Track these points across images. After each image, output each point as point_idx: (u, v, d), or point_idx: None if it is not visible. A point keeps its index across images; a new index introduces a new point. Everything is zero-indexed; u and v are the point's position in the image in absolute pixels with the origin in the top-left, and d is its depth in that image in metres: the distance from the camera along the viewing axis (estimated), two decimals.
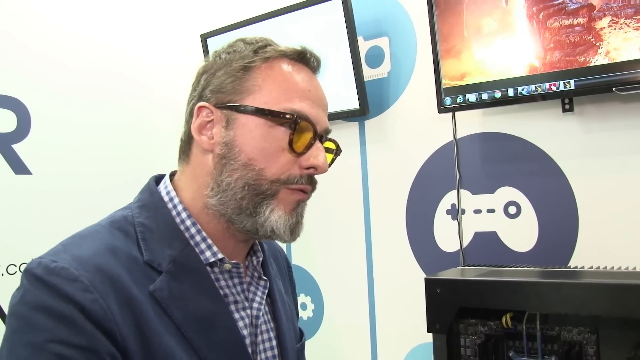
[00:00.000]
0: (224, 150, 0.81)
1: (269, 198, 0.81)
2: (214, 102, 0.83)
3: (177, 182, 0.87)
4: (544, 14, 1.45)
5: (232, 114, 0.82)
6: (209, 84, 0.84)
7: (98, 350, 0.68)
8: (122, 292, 0.73)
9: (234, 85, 0.82)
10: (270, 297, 0.92)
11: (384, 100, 1.95)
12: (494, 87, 1.57)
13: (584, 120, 1.57)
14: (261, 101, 0.81)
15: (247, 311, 0.86)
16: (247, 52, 0.84)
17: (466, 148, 1.77)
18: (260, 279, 0.91)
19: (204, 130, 0.83)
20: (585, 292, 1.19)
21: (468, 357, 1.35)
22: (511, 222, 1.69)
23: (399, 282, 1.90)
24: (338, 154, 0.93)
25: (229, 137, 0.81)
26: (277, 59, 0.84)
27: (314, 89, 0.85)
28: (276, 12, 2.00)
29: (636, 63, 1.36)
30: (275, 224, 0.81)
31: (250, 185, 0.80)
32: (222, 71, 0.83)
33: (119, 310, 0.71)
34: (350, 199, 2.02)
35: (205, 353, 0.77)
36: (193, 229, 0.83)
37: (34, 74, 1.93)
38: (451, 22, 1.62)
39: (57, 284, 0.70)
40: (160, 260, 0.79)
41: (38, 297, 0.70)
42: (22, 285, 0.73)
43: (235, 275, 0.86)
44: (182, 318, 0.77)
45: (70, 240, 0.78)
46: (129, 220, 0.82)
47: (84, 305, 0.69)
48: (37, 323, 0.68)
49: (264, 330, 0.88)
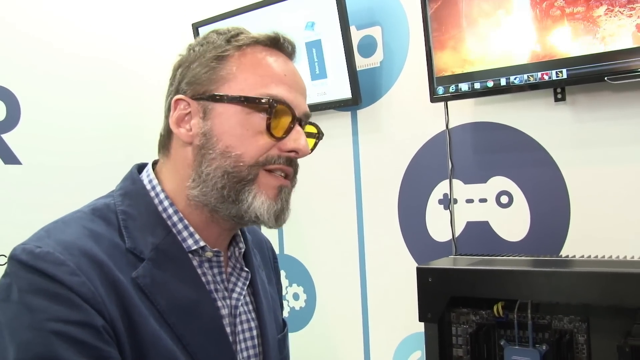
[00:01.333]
0: (203, 141, 0.81)
1: (250, 183, 0.81)
2: (191, 94, 0.83)
3: (159, 173, 0.87)
4: (546, 3, 1.45)
5: (208, 104, 0.82)
6: (184, 77, 0.84)
7: (96, 324, 0.69)
8: (108, 275, 0.73)
9: (208, 76, 0.82)
10: (252, 287, 0.93)
11: (376, 90, 1.94)
12: (486, 77, 1.57)
13: (576, 109, 1.57)
14: (237, 89, 0.81)
15: (227, 301, 0.86)
16: (220, 42, 0.84)
17: (458, 138, 1.77)
18: (241, 270, 0.91)
19: (182, 123, 0.84)
20: (576, 281, 1.20)
21: (460, 346, 1.36)
22: (503, 211, 1.70)
23: (392, 271, 1.91)
24: (320, 137, 0.92)
25: (207, 127, 0.81)
26: (250, 46, 0.84)
27: (290, 74, 0.85)
28: (268, 1, 1.98)
29: (628, 52, 1.36)
30: (259, 210, 0.81)
31: (229, 174, 0.80)
32: (196, 63, 0.84)
33: (105, 293, 0.72)
34: (342, 188, 2.02)
35: (188, 339, 0.78)
36: (175, 217, 0.83)
37: (23, 63, 1.91)
38: (445, 12, 1.61)
39: (45, 267, 0.70)
40: (143, 248, 0.79)
41: (29, 280, 0.70)
42: (9, 272, 0.72)
43: (215, 265, 0.86)
44: (165, 305, 0.77)
45: (52, 226, 0.79)
46: (111, 208, 0.82)
47: (73, 287, 0.69)
48: (33, 305, 0.68)
49: (243, 320, 0.89)
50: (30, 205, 1.87)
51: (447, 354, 1.36)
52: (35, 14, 1.95)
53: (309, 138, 0.89)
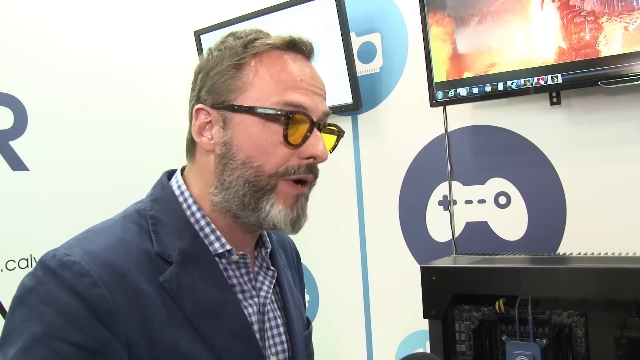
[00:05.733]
0: (224, 150, 0.83)
1: (269, 192, 0.83)
2: (210, 103, 0.85)
3: (187, 178, 0.90)
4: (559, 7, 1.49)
5: (227, 113, 0.83)
6: (204, 85, 0.86)
7: (92, 348, 0.72)
8: (130, 286, 0.76)
9: (226, 85, 0.84)
10: (278, 286, 0.95)
11: (376, 95, 1.99)
12: (484, 82, 1.62)
13: (571, 112, 1.62)
14: (253, 98, 0.82)
15: (254, 299, 0.89)
16: (237, 48, 0.85)
17: (457, 141, 1.82)
18: (268, 269, 0.93)
19: (203, 132, 0.86)
20: (574, 277, 1.25)
21: (463, 342, 1.40)
22: (501, 212, 1.75)
23: (393, 271, 1.95)
24: (341, 135, 0.94)
25: (227, 137, 0.83)
26: (266, 52, 0.84)
27: (306, 77, 0.85)
28: (270, 8, 2.02)
29: (620, 57, 1.42)
30: (276, 218, 0.83)
31: (250, 182, 0.82)
32: (214, 70, 0.85)
33: (125, 304, 0.75)
34: (344, 191, 2.06)
35: (214, 341, 0.80)
36: (203, 222, 0.86)
37: (30, 72, 1.94)
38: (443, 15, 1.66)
39: (68, 278, 0.73)
40: (171, 252, 0.82)
41: (48, 289, 0.73)
42: (36, 274, 0.76)
43: (242, 265, 0.89)
44: (191, 307, 0.80)
45: (84, 236, 0.82)
46: (142, 214, 0.85)
47: (90, 300, 0.73)
48: (43, 316, 0.72)
49: (271, 318, 0.91)
50: (38, 210, 1.90)
51: (451, 349, 1.40)
52: (41, 22, 1.99)
53: (331, 135, 0.91)
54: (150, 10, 2.38)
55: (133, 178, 2.11)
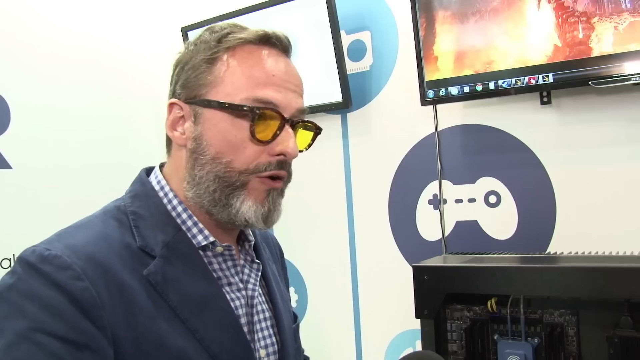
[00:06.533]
0: (194, 145, 0.83)
1: (239, 189, 0.82)
2: (184, 98, 0.84)
3: (165, 173, 0.89)
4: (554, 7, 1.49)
5: (198, 108, 0.83)
6: (179, 79, 0.85)
7: (79, 340, 0.70)
8: (114, 279, 0.75)
9: (198, 80, 0.83)
10: (264, 279, 0.95)
11: (366, 93, 1.98)
12: (475, 81, 1.62)
13: (561, 112, 1.63)
14: (223, 93, 0.82)
15: (242, 292, 0.88)
16: (211, 42, 0.84)
17: (447, 140, 1.82)
18: (253, 262, 0.93)
19: (176, 126, 0.85)
20: (566, 276, 1.25)
21: (454, 341, 1.40)
22: (491, 211, 1.75)
23: (383, 271, 1.94)
24: (318, 133, 0.92)
25: (197, 132, 0.83)
26: (239, 47, 0.84)
27: (279, 73, 0.84)
28: (258, 5, 2.01)
29: (611, 57, 1.43)
30: (247, 214, 0.82)
31: (220, 178, 0.81)
32: (189, 65, 0.84)
33: (109, 298, 0.73)
34: (333, 190, 2.05)
35: (202, 334, 0.79)
36: (184, 215, 0.85)
37: (13, 66, 1.90)
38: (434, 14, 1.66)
39: (49, 272, 0.72)
40: (154, 246, 0.81)
41: (29, 285, 0.72)
42: (15, 272, 0.74)
43: (228, 258, 0.88)
44: (177, 300, 0.79)
45: (64, 231, 0.80)
46: (122, 210, 0.84)
47: (74, 293, 0.71)
48: (26, 311, 0.70)
49: (259, 311, 0.90)
50: (22, 209, 1.86)
51: (442, 349, 1.40)
52: (23, 16, 1.94)
53: (307, 131, 0.90)
54: (138, 4, 2.34)
55: (120, 173, 2.04)
